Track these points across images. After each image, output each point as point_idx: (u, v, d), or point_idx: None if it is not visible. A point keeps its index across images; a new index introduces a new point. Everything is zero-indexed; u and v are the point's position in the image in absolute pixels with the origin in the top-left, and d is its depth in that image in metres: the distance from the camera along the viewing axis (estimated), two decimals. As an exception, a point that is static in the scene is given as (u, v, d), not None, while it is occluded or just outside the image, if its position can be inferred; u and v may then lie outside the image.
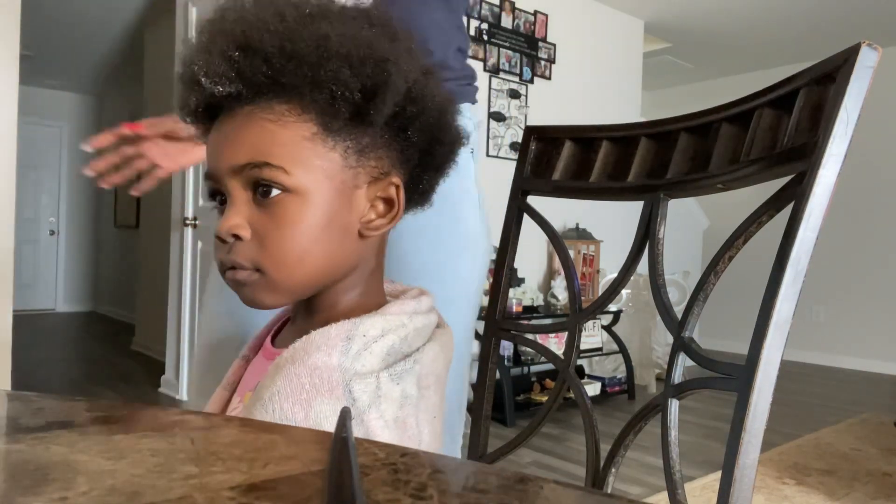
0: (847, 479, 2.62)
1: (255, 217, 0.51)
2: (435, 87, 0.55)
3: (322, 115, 0.50)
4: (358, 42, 0.49)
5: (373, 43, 0.50)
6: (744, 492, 0.52)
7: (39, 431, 0.37)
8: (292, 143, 0.50)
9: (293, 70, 0.49)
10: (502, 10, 3.91)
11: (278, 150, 0.50)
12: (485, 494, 0.30)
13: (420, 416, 0.51)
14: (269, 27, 0.49)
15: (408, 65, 0.52)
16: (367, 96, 0.50)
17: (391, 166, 0.55)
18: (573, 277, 0.79)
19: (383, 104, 0.50)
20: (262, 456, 0.34)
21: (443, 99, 0.56)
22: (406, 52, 0.53)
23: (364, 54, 0.49)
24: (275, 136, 0.50)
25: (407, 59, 0.52)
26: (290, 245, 0.51)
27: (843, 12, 4.48)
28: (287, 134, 0.50)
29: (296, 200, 0.50)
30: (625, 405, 3.82)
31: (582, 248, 4.06)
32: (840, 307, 5.37)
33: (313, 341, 0.49)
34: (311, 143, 0.51)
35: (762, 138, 0.60)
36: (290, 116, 0.50)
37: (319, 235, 0.51)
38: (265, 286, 0.52)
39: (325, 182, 0.51)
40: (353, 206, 0.53)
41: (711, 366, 0.58)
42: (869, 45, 0.52)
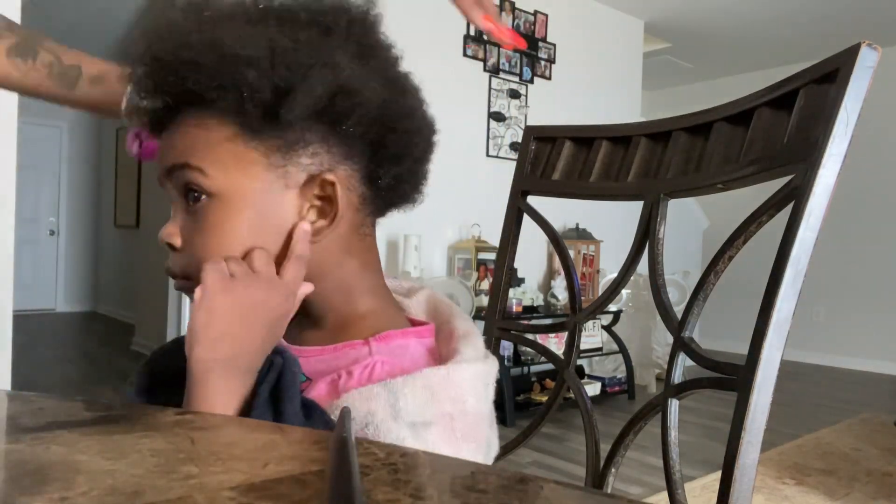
0: (847, 479, 2.62)
1: (185, 224, 0.51)
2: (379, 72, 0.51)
3: (238, 117, 0.49)
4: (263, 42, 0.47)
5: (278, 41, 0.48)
6: (744, 492, 0.52)
7: (39, 431, 0.37)
8: (212, 144, 0.49)
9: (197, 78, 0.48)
10: (502, 10, 3.90)
11: (198, 152, 0.49)
12: (485, 494, 0.30)
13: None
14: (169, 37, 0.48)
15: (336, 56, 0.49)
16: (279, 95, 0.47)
17: (333, 162, 0.51)
18: (573, 277, 0.79)
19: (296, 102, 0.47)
20: (262, 456, 0.34)
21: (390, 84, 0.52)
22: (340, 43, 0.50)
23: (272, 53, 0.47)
24: (195, 139, 0.50)
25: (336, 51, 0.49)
26: (213, 252, 0.49)
27: (843, 12, 4.48)
28: (207, 135, 0.49)
29: (218, 205, 0.49)
30: (625, 405, 3.82)
31: (582, 248, 4.06)
32: (840, 307, 5.37)
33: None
34: (232, 143, 0.49)
35: (762, 138, 0.60)
36: (211, 119, 0.49)
37: (246, 240, 0.49)
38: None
39: (247, 183, 0.49)
40: (286, 208, 0.50)
41: (711, 366, 0.58)
42: (869, 45, 0.52)
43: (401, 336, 0.53)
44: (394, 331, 0.53)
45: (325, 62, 0.48)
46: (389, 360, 0.50)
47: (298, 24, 0.50)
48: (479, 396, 0.50)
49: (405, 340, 0.53)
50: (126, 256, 6.65)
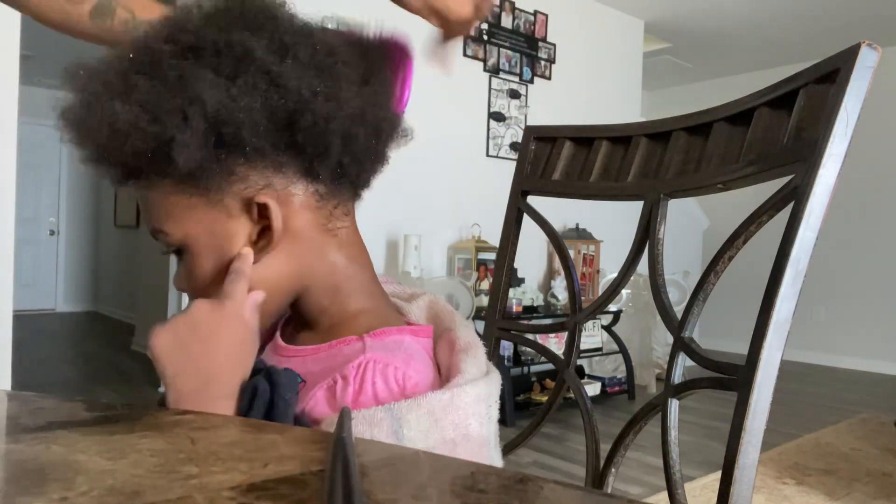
0: (847, 479, 2.62)
1: (181, 272, 0.56)
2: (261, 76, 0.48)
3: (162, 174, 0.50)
4: (134, 104, 0.47)
5: (145, 96, 0.47)
6: (744, 492, 0.52)
7: (39, 431, 0.37)
8: (161, 203, 0.52)
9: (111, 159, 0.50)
10: (502, 10, 3.91)
11: (156, 215, 0.53)
12: (485, 494, 0.30)
13: None
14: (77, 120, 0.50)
15: (199, 88, 0.47)
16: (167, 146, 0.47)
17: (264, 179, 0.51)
18: (573, 277, 0.79)
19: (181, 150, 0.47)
20: (262, 456, 0.34)
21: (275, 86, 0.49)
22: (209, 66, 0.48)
23: (144, 110, 0.47)
24: (149, 202, 0.53)
25: (200, 82, 0.47)
26: (197, 291, 0.54)
27: (843, 12, 4.48)
28: (155, 196, 0.52)
29: (187, 253, 0.53)
30: (625, 405, 3.82)
31: (582, 248, 4.06)
32: (840, 307, 5.37)
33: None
34: (175, 195, 0.51)
35: (762, 138, 0.60)
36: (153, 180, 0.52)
37: (209, 275, 0.53)
38: None
39: (197, 227, 0.52)
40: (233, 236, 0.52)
41: (711, 366, 0.58)
42: (869, 45, 0.52)
43: (396, 332, 0.53)
44: (389, 328, 0.54)
45: (192, 99, 0.47)
46: (383, 358, 0.50)
47: (160, 65, 0.48)
48: (481, 420, 0.49)
49: (400, 336, 0.53)
50: (126, 256, 6.65)
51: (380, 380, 0.49)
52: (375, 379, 0.49)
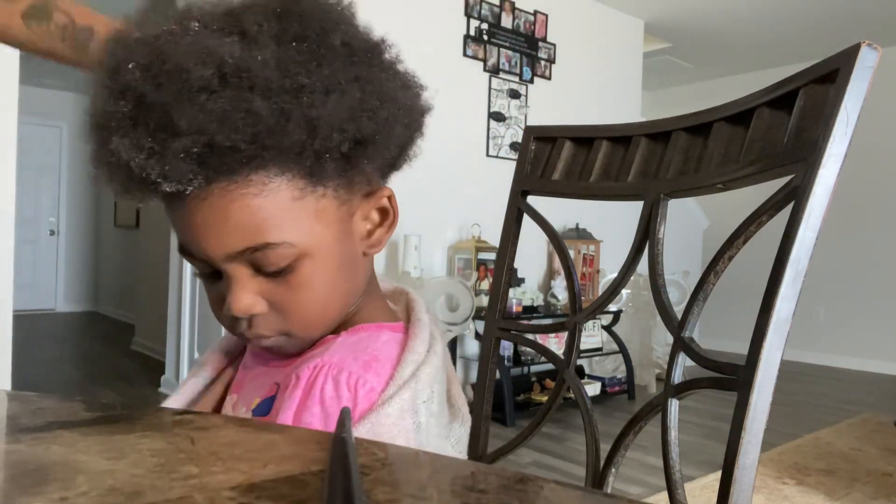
0: (847, 479, 2.62)
1: (267, 288, 0.49)
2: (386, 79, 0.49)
3: (304, 172, 0.46)
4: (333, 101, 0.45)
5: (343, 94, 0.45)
6: (744, 492, 0.52)
7: (39, 431, 0.37)
8: (284, 210, 0.46)
9: (275, 150, 0.44)
10: (502, 10, 3.91)
11: (274, 225, 0.46)
12: (485, 494, 0.30)
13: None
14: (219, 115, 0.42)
15: (381, 87, 0.48)
16: (355, 143, 0.46)
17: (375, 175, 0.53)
18: (573, 277, 0.79)
19: (370, 150, 0.47)
20: (262, 456, 0.34)
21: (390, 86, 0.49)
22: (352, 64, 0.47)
23: (344, 110, 0.45)
24: (265, 212, 0.46)
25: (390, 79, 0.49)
26: (313, 305, 0.50)
27: (843, 12, 4.48)
28: (275, 204, 0.46)
29: (306, 263, 0.48)
30: (625, 405, 3.82)
31: (582, 248, 4.06)
32: (840, 307, 5.37)
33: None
34: (301, 200, 0.47)
35: (762, 138, 0.60)
36: (271, 183, 0.46)
37: (336, 282, 0.51)
38: (296, 343, 0.52)
39: (326, 231, 0.49)
40: (355, 234, 0.52)
41: (711, 366, 0.58)
42: (869, 45, 0.52)
43: (374, 329, 0.53)
44: (368, 324, 0.54)
45: (383, 98, 0.48)
46: (339, 363, 0.48)
47: (339, 65, 0.46)
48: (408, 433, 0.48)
49: (378, 333, 0.53)
50: (126, 256, 6.65)
51: (329, 385, 0.47)
52: (325, 385, 0.47)
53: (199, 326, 3.57)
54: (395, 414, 0.47)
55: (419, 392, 0.49)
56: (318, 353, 0.51)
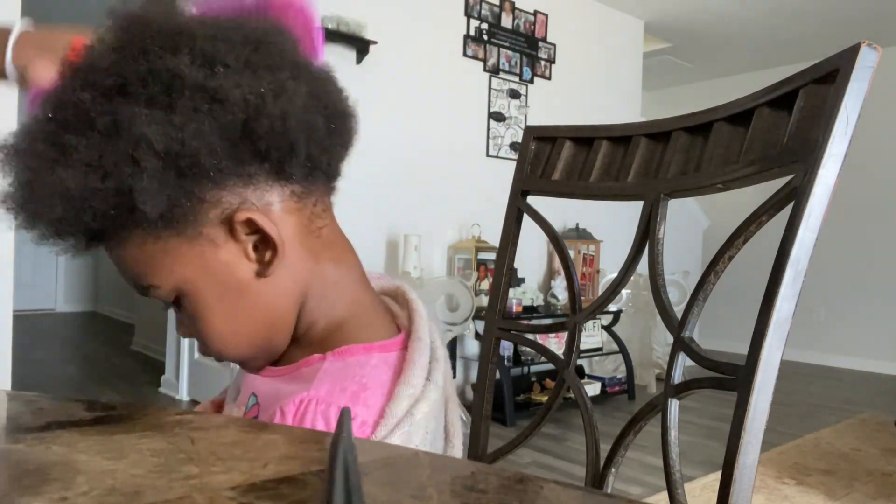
0: (847, 479, 2.62)
1: (183, 319, 0.53)
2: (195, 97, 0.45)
3: (129, 226, 0.48)
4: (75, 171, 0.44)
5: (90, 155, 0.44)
6: (744, 492, 0.52)
7: (39, 431, 0.37)
8: (139, 257, 0.49)
9: (67, 224, 0.46)
10: (502, 10, 3.91)
11: (138, 271, 0.50)
12: (485, 494, 0.30)
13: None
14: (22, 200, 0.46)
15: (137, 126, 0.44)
16: (129, 202, 0.45)
17: (236, 196, 0.48)
18: (573, 277, 0.79)
19: (147, 201, 0.44)
20: (262, 456, 0.34)
21: (213, 99, 0.45)
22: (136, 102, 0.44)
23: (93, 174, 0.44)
24: (127, 260, 0.50)
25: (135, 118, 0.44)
26: (212, 333, 0.52)
27: (843, 12, 4.48)
28: (130, 253, 0.50)
29: (185, 297, 0.51)
30: (625, 405, 3.82)
31: (582, 248, 4.06)
32: (840, 307, 5.37)
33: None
34: (149, 245, 0.48)
35: (762, 138, 0.60)
36: (120, 236, 0.49)
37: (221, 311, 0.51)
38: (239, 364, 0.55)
39: (185, 268, 0.49)
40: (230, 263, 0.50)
41: (711, 366, 0.58)
42: (869, 45, 0.52)
43: (363, 351, 0.51)
44: (357, 345, 0.52)
45: (136, 142, 0.43)
46: (326, 398, 0.48)
47: (87, 115, 0.45)
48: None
49: (366, 357, 0.51)
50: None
51: (321, 423, 0.47)
52: (316, 423, 0.47)
53: (199, 326, 3.57)
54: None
55: (412, 435, 0.48)
56: (303, 384, 0.50)
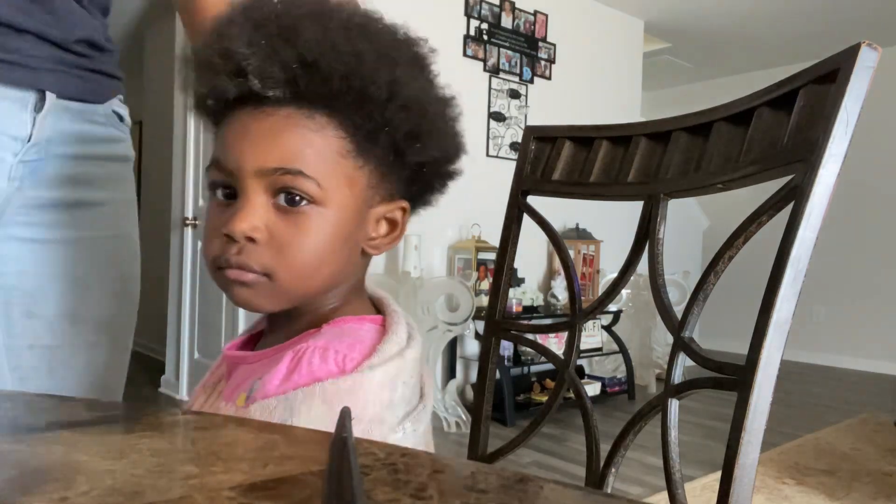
0: (847, 479, 2.62)
1: (275, 222, 0.50)
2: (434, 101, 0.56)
3: (359, 136, 0.52)
4: (415, 87, 0.52)
5: (425, 86, 0.53)
6: (744, 492, 0.52)
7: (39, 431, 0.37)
8: (328, 156, 0.50)
9: (355, 97, 0.50)
10: (502, 10, 3.91)
11: (314, 161, 0.50)
12: (485, 494, 0.30)
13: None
14: (332, 44, 0.49)
15: (441, 105, 0.55)
16: (411, 138, 0.53)
17: (397, 188, 0.56)
18: (573, 277, 0.79)
19: (425, 150, 0.53)
20: (262, 456, 0.34)
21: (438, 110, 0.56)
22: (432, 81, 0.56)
23: (420, 100, 0.52)
24: (313, 147, 0.50)
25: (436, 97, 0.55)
26: (310, 256, 0.51)
27: (843, 12, 4.48)
28: (325, 146, 0.50)
29: (321, 213, 0.51)
30: (625, 405, 3.81)
31: (582, 248, 4.06)
32: (840, 307, 5.37)
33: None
34: (345, 160, 0.51)
35: (762, 138, 0.60)
36: (330, 129, 0.51)
37: (336, 248, 0.52)
38: (271, 292, 0.51)
39: (350, 199, 0.52)
40: (364, 224, 0.55)
41: (711, 366, 0.58)
42: (869, 45, 0.52)
43: (356, 320, 0.55)
44: (350, 317, 0.55)
45: (446, 116, 0.55)
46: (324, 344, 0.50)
47: (420, 64, 0.55)
48: (382, 405, 0.49)
49: (360, 324, 0.54)
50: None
51: (317, 358, 0.49)
52: (312, 357, 0.49)
53: (199, 327, 3.57)
54: (376, 382, 0.49)
55: (402, 371, 0.51)
56: (302, 341, 0.52)
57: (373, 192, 0.54)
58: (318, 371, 0.48)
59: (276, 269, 0.50)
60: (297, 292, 0.53)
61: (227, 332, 3.30)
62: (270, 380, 0.49)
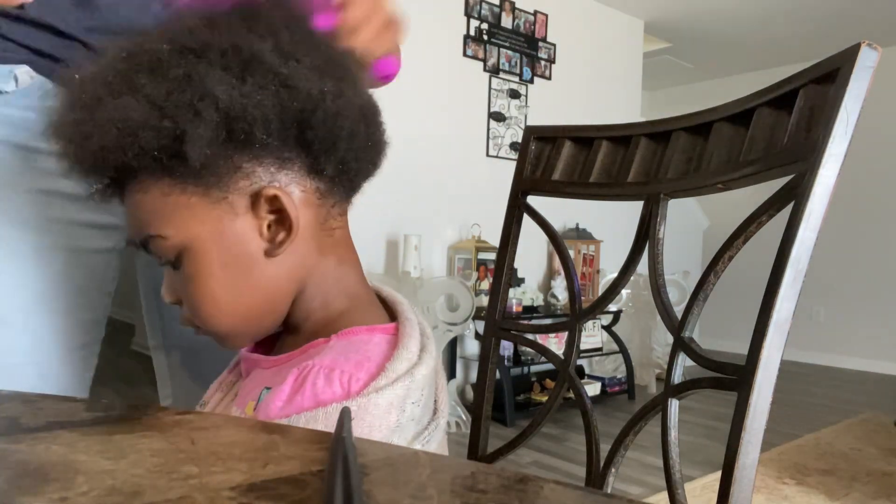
0: (847, 479, 2.62)
1: (174, 281, 0.54)
2: (269, 76, 0.49)
3: (162, 173, 0.50)
4: (140, 103, 0.47)
5: (153, 95, 0.47)
6: (744, 492, 0.52)
7: (39, 431, 0.37)
8: (157, 205, 0.51)
9: (109, 158, 0.48)
10: (502, 10, 3.91)
11: (150, 219, 0.51)
12: (485, 494, 0.30)
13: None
14: (74, 136, 0.49)
15: (210, 84, 0.47)
16: (178, 141, 0.47)
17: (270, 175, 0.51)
18: (573, 277, 0.79)
19: (193, 143, 0.47)
20: (262, 456, 0.34)
21: (285, 84, 0.49)
22: (214, 66, 0.48)
23: (152, 108, 0.47)
24: (143, 206, 0.51)
25: (210, 79, 0.47)
26: (200, 298, 0.52)
27: (843, 12, 4.48)
28: (150, 199, 0.51)
29: (188, 256, 0.52)
30: (625, 405, 3.81)
31: (582, 248, 4.06)
32: (840, 307, 5.37)
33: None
34: (171, 196, 0.50)
35: (762, 138, 0.60)
36: (147, 182, 0.51)
37: (221, 277, 0.52)
38: (216, 336, 0.55)
39: (200, 227, 0.51)
40: (243, 234, 0.52)
41: (711, 366, 0.58)
42: (869, 45, 0.52)
43: (366, 331, 0.53)
44: (360, 327, 0.53)
45: (202, 95, 0.47)
46: (330, 363, 0.49)
47: (162, 64, 0.48)
48: (389, 429, 0.48)
49: (369, 335, 0.53)
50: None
51: (321, 380, 0.48)
52: (317, 379, 0.48)
53: (199, 326, 3.57)
54: (383, 406, 0.47)
55: (411, 391, 0.49)
56: (308, 357, 0.51)
57: (225, 203, 0.51)
58: (321, 394, 0.48)
59: (196, 320, 0.54)
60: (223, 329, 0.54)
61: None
62: (274, 400, 0.48)
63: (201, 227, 0.51)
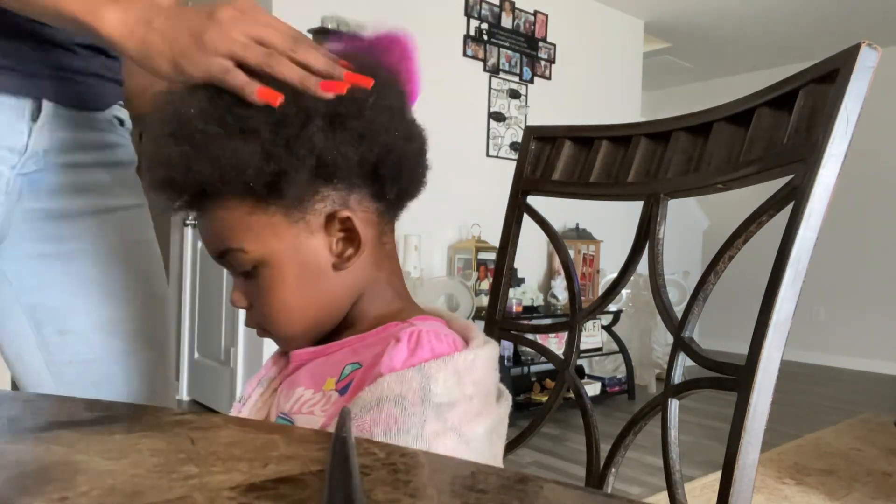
0: (847, 479, 2.62)
1: (247, 289, 0.60)
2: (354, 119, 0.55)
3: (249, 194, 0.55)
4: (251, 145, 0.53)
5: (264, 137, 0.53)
6: (744, 492, 0.52)
7: (39, 431, 0.37)
8: (239, 222, 0.56)
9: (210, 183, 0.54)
10: (502, 10, 3.90)
11: (232, 233, 0.57)
12: (485, 494, 0.30)
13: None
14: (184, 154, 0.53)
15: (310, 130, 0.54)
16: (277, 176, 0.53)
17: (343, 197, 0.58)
18: (573, 277, 0.79)
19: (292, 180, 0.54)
20: (262, 456, 0.34)
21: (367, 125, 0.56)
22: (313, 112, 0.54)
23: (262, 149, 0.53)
24: (225, 223, 0.57)
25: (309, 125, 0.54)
26: (275, 306, 0.58)
27: (843, 12, 4.48)
28: (233, 217, 0.56)
29: (265, 270, 0.57)
30: (625, 405, 3.81)
31: (582, 248, 4.06)
32: (840, 307, 5.37)
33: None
34: (255, 215, 0.56)
35: (762, 138, 0.60)
36: (231, 201, 0.56)
37: (295, 288, 0.58)
38: (278, 340, 0.62)
39: (279, 244, 0.57)
40: (316, 250, 0.58)
41: (711, 366, 0.58)
42: (869, 45, 0.52)
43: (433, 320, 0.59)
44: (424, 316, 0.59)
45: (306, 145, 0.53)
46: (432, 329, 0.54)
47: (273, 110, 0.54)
48: (492, 377, 0.56)
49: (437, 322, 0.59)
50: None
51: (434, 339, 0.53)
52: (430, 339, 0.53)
53: (199, 328, 3.57)
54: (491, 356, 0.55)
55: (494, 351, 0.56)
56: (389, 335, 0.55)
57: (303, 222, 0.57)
58: (438, 348, 0.53)
59: (262, 324, 0.60)
60: (289, 334, 0.60)
61: (227, 332, 3.30)
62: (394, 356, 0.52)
63: (280, 243, 0.57)
